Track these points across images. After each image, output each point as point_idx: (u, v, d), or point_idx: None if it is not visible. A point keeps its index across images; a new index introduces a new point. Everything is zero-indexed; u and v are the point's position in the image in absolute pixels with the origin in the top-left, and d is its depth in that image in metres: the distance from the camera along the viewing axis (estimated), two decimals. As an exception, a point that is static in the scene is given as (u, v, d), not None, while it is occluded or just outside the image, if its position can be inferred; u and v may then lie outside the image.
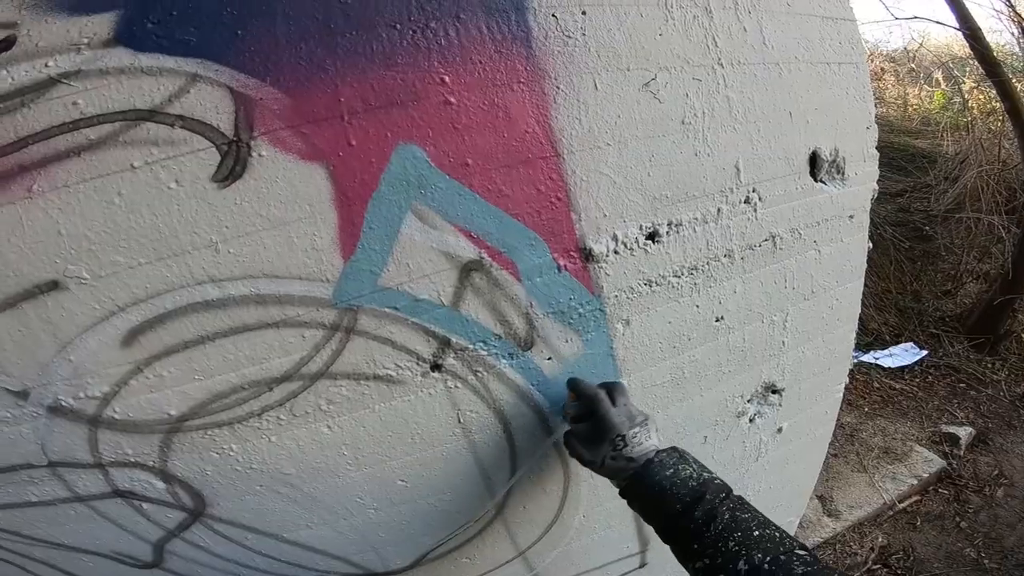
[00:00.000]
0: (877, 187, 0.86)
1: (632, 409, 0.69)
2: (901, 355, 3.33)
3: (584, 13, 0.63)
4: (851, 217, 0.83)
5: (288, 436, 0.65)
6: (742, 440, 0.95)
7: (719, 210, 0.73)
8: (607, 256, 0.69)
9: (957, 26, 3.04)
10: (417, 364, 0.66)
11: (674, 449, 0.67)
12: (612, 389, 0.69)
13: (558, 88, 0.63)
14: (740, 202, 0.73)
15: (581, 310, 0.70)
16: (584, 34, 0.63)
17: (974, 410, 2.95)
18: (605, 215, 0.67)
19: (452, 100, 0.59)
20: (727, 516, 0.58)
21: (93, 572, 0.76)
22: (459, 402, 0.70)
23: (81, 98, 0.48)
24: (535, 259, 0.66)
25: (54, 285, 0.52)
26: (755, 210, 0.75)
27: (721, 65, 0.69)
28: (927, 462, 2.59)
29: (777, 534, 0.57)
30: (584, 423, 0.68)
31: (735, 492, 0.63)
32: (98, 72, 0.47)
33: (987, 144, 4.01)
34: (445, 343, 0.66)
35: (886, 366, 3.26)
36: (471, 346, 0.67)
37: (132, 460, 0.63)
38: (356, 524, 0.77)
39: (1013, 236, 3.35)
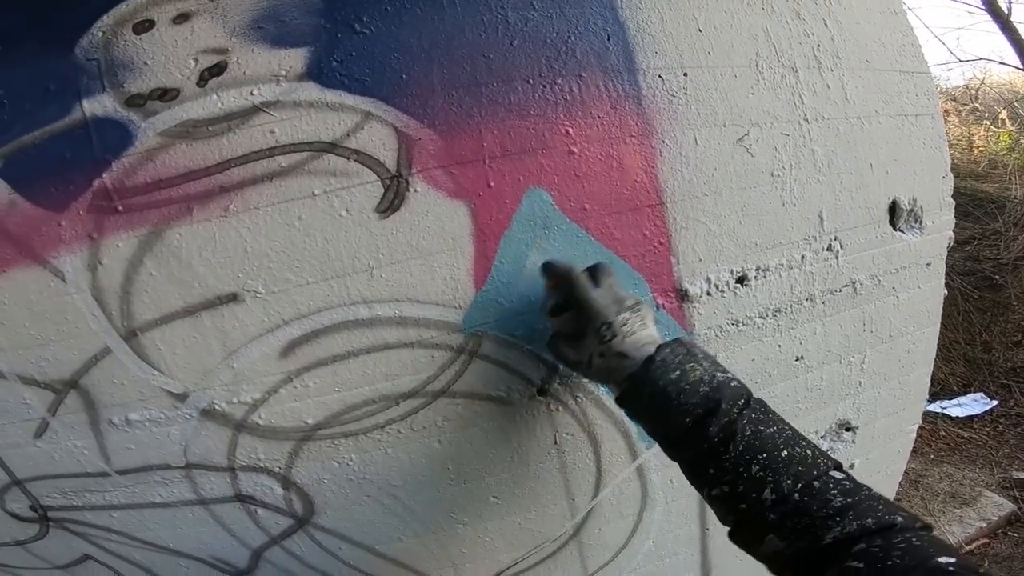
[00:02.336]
0: (953, 235, 0.91)
1: (620, 291, 0.58)
2: (970, 405, 3.26)
3: (686, 74, 0.70)
4: (928, 264, 0.88)
5: (403, 449, 0.70)
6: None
7: (803, 256, 0.79)
8: (700, 297, 0.74)
9: (1022, 65, 2.97)
10: (526, 387, 0.71)
11: (679, 342, 0.54)
12: (594, 270, 0.59)
13: (663, 142, 0.70)
14: (823, 249, 0.79)
15: (675, 344, 0.75)
16: (686, 93, 0.70)
17: None
18: (700, 259, 0.73)
19: (575, 150, 0.67)
20: (748, 433, 0.48)
21: (189, 577, 0.79)
22: (558, 424, 0.74)
23: (278, 127, 0.55)
24: (638, 297, 0.72)
25: (233, 297, 0.58)
26: (837, 257, 0.80)
27: (807, 120, 0.76)
28: (996, 506, 2.51)
29: (808, 452, 0.48)
30: (566, 316, 0.58)
31: (756, 400, 0.52)
32: (292, 104, 0.55)
33: None
34: (553, 369, 0.71)
35: (953, 415, 3.19)
36: (575, 374, 0.72)
37: (262, 465, 0.67)
38: (443, 539, 0.80)
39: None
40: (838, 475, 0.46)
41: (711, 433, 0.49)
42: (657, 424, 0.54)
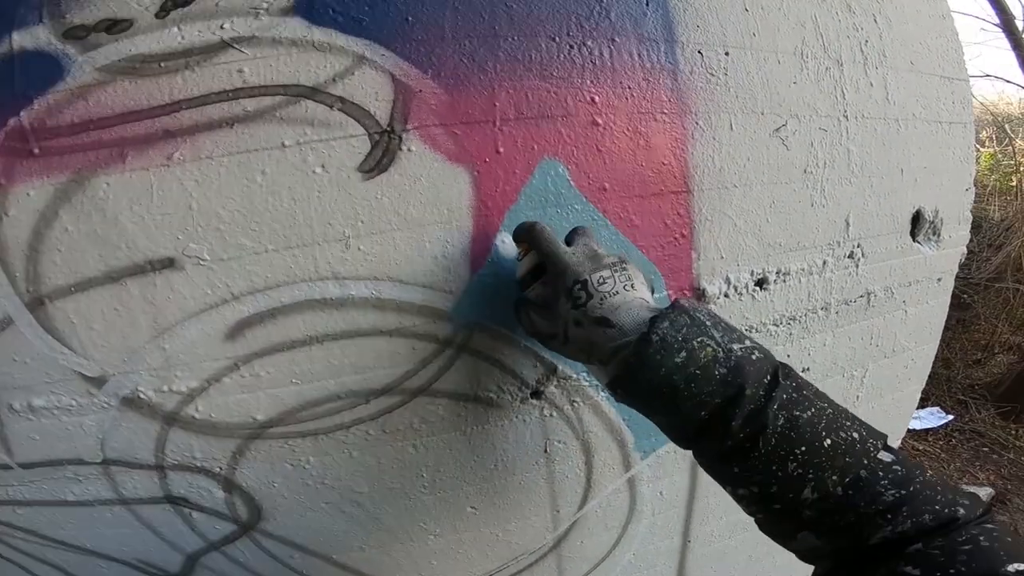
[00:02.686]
0: (966, 250, 0.88)
1: (598, 249, 0.48)
2: (927, 418, 3.33)
3: (727, 54, 0.62)
4: (939, 280, 0.85)
5: (371, 453, 0.60)
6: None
7: (824, 263, 0.73)
8: (718, 298, 0.67)
9: None
10: (519, 389, 0.62)
11: (679, 310, 0.43)
12: (572, 231, 0.51)
13: (697, 124, 0.62)
14: (844, 256, 0.74)
15: (684, 349, 0.69)
16: (726, 74, 0.62)
17: (995, 472, 2.99)
18: (722, 257, 0.66)
19: (599, 121, 0.57)
20: (781, 422, 0.38)
21: (109, 581, 0.68)
22: (550, 431, 0.66)
23: (248, 66, 0.44)
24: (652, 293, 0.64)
25: (169, 263, 0.46)
26: (857, 266, 0.75)
27: (846, 117, 0.70)
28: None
29: (855, 435, 0.39)
30: (538, 283, 0.49)
31: (784, 372, 0.41)
32: (271, 40, 0.44)
33: None
34: (551, 370, 0.62)
35: (910, 428, 3.31)
36: (575, 375, 0.63)
37: (198, 465, 0.56)
38: (412, 550, 0.71)
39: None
40: (887, 457, 0.38)
41: (735, 428, 0.39)
42: (663, 418, 0.44)
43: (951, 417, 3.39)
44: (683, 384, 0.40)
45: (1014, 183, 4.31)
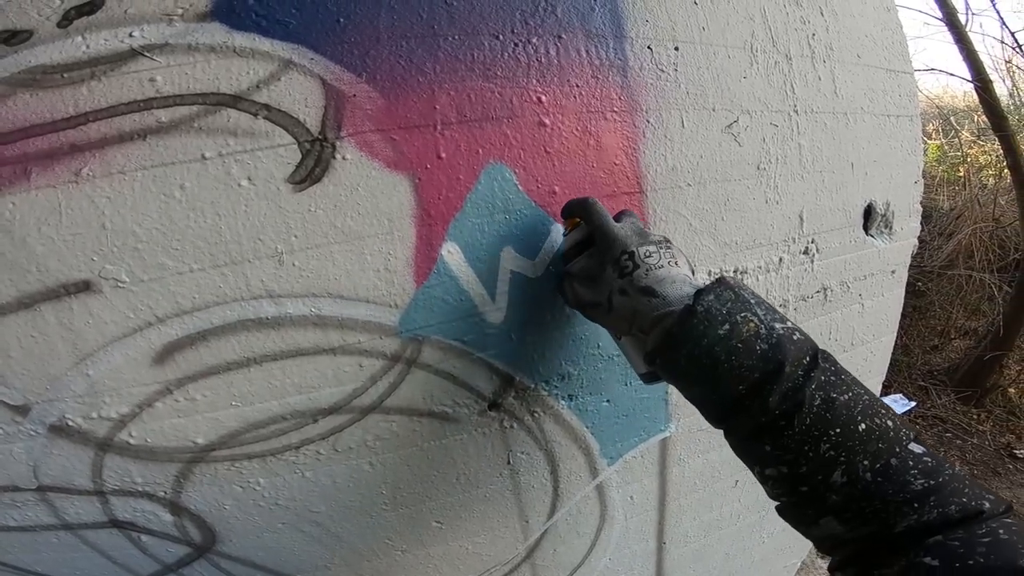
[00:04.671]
0: (917, 242, 0.88)
1: (641, 226, 0.50)
2: (892, 406, 3.41)
3: (677, 49, 0.61)
4: (893, 272, 0.85)
5: (325, 472, 0.58)
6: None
7: (780, 259, 0.72)
8: (676, 298, 0.66)
9: (970, 78, 3.02)
10: (476, 402, 0.60)
11: (724, 284, 0.43)
12: (620, 213, 0.52)
13: (648, 122, 0.60)
14: (800, 252, 0.73)
15: (644, 352, 0.67)
16: (676, 70, 0.61)
17: (960, 458, 3.07)
18: (681, 259, 0.65)
19: (547, 121, 0.56)
20: (818, 402, 0.38)
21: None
22: (512, 443, 0.64)
23: (161, 75, 0.41)
24: (608, 297, 0.62)
25: (85, 286, 0.43)
26: (812, 261, 0.74)
27: (796, 112, 0.69)
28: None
29: (889, 423, 0.39)
30: (583, 256, 0.50)
31: (823, 355, 0.41)
32: (186, 48, 0.41)
33: (984, 201, 3.98)
34: (508, 381, 0.60)
35: None
36: (532, 385, 0.62)
37: (140, 490, 0.54)
38: (379, 567, 0.69)
39: (1004, 294, 3.44)
40: (918, 448, 0.38)
41: (771, 404, 0.39)
42: (699, 391, 0.43)
43: (914, 403, 3.47)
44: (724, 356, 0.40)
45: (961, 173, 4.46)
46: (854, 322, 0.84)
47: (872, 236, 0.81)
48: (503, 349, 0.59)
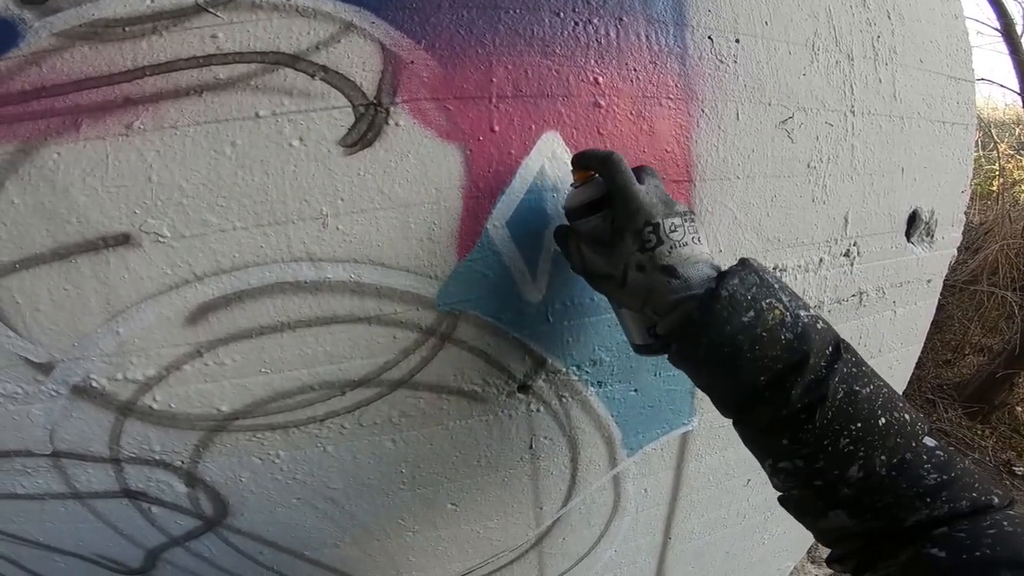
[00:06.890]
0: (956, 252, 0.87)
1: (665, 191, 0.45)
2: None
3: (738, 41, 0.60)
4: (929, 281, 0.84)
5: (346, 447, 0.57)
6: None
7: (821, 260, 0.71)
8: (713, 294, 0.65)
9: (1019, 90, 2.94)
10: (506, 383, 0.59)
11: (748, 267, 0.41)
12: (639, 169, 0.46)
13: (703, 111, 0.59)
14: (840, 254, 0.72)
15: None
16: (735, 61, 0.60)
17: None
18: (720, 250, 0.64)
19: (602, 103, 0.54)
20: (841, 396, 0.37)
21: (63, 574, 0.63)
22: (536, 427, 0.63)
23: (223, 31, 0.39)
24: (647, 287, 0.61)
25: (124, 239, 0.41)
26: (852, 264, 0.73)
27: (853, 113, 0.67)
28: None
29: (907, 416, 0.38)
30: (597, 216, 0.44)
31: (845, 345, 0.40)
32: (250, 5, 0.39)
33: (1015, 217, 3.82)
34: (540, 363, 0.59)
35: None
36: (564, 369, 0.61)
37: (157, 458, 0.52)
38: (388, 547, 0.69)
39: (1025, 313, 3.32)
40: (931, 443, 0.38)
41: (793, 397, 0.37)
42: (716, 379, 0.41)
43: (918, 415, 3.46)
44: (747, 345, 0.38)
45: (994, 187, 4.36)
46: (885, 328, 0.83)
47: (913, 243, 0.80)
48: (538, 330, 0.57)
